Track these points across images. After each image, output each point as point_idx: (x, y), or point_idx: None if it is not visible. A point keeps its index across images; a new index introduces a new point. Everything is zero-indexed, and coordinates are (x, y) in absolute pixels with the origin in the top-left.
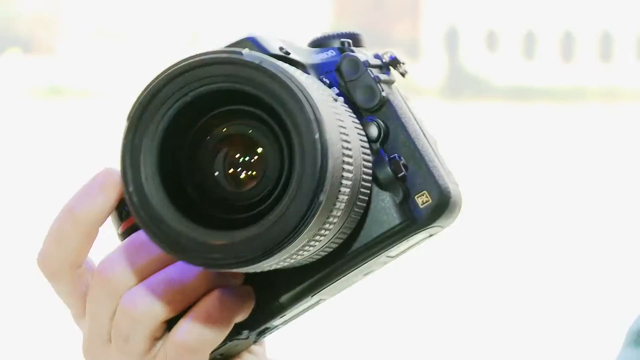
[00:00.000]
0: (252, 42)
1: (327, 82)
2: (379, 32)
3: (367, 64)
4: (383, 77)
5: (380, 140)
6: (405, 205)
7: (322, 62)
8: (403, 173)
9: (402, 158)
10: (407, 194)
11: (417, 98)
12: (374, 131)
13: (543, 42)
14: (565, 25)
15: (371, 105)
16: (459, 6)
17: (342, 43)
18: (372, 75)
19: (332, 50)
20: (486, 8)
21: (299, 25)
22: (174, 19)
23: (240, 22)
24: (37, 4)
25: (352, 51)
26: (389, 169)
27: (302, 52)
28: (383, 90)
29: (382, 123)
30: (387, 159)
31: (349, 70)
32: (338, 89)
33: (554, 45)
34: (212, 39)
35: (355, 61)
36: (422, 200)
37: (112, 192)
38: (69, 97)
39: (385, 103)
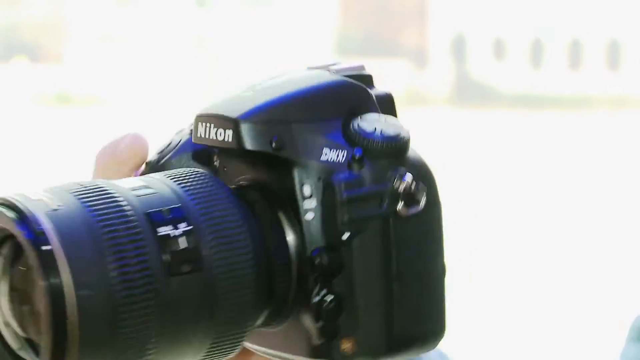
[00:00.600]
0: (241, 122)
1: (308, 194)
2: (385, 40)
3: (346, 201)
4: (367, 213)
5: (324, 275)
6: (326, 344)
7: (323, 163)
8: (321, 321)
9: (334, 301)
10: (334, 333)
11: (424, 107)
12: (316, 263)
13: (550, 50)
14: (573, 33)
15: (332, 239)
16: (466, 14)
17: (353, 157)
18: (343, 217)
19: (344, 154)
20: (493, 16)
21: (305, 33)
22: (181, 26)
23: (244, 27)
24: (43, 11)
25: (359, 166)
26: (311, 307)
27: (308, 145)
28: (350, 232)
29: (336, 257)
30: (317, 298)
31: (328, 198)
32: (316, 203)
33: (561, 54)
34: (216, 44)
35: (334, 193)
36: (345, 346)
37: (139, 153)
38: (77, 104)
39: (349, 242)
